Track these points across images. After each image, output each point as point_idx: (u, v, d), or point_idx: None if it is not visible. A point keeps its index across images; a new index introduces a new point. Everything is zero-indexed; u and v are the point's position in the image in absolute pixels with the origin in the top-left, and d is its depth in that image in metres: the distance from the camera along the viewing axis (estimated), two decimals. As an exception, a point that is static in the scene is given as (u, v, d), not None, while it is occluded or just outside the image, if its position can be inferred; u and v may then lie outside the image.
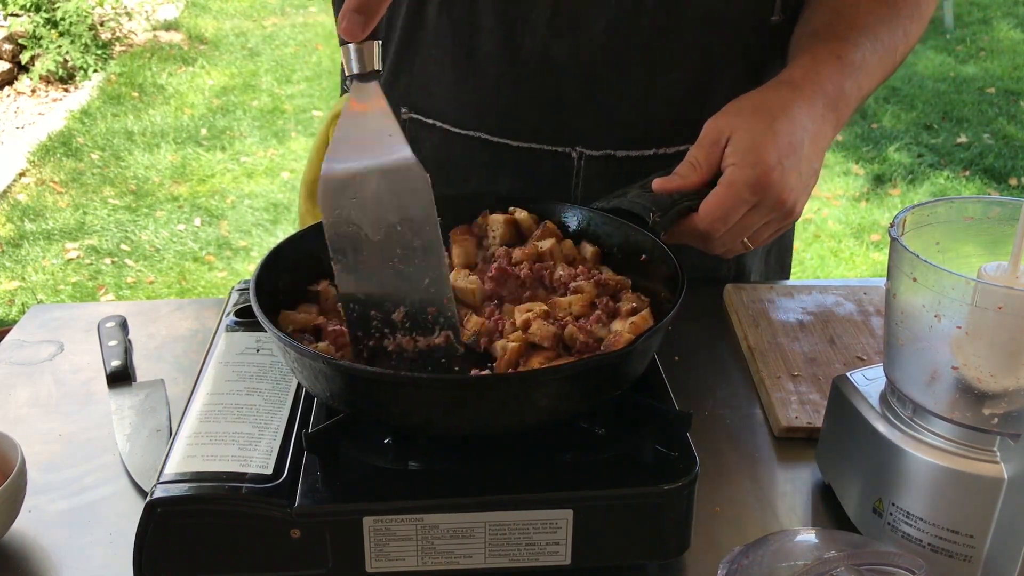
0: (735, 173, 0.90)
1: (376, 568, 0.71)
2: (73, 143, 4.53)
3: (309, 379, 0.73)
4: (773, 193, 0.90)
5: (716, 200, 0.90)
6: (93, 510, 0.84)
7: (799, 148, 0.92)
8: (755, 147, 0.89)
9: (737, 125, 0.92)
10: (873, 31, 1.02)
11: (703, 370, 1.03)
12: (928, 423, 0.72)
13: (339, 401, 0.72)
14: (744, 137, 0.91)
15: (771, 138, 0.90)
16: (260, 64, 5.64)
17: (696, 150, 0.93)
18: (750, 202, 0.90)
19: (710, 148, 0.92)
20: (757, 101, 0.95)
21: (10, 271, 3.48)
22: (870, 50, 1.01)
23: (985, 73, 5.22)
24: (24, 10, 5.24)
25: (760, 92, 0.96)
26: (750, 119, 0.92)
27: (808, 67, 0.98)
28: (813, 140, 0.94)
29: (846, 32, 1.01)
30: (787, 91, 0.96)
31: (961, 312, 0.67)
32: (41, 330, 1.12)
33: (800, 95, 0.95)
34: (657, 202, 0.90)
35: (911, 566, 0.66)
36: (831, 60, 0.98)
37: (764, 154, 0.89)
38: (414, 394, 0.70)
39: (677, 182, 0.92)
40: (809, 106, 0.94)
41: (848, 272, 3.46)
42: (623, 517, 0.71)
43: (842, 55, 0.99)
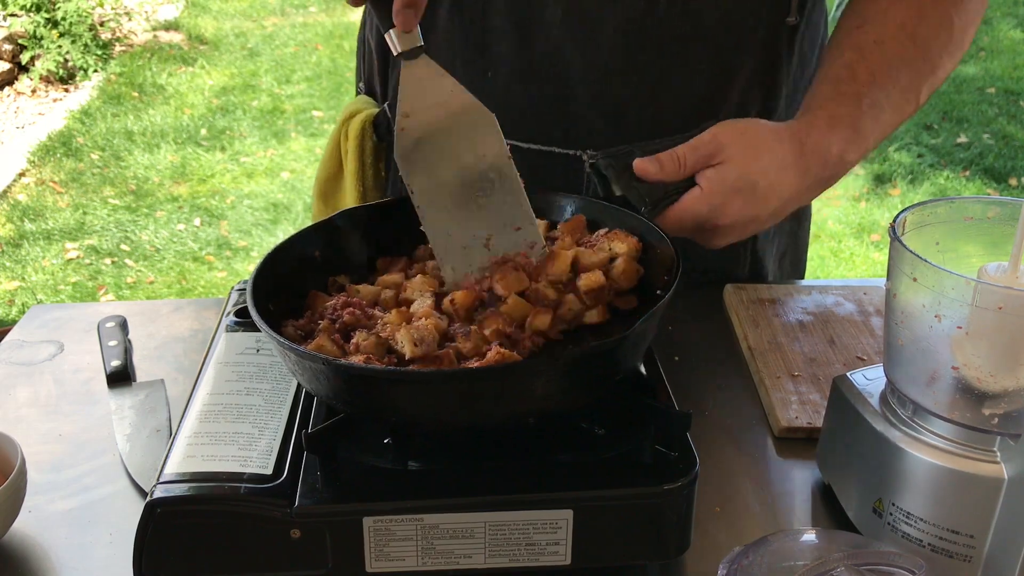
0: (695, 201, 0.91)
1: (376, 568, 0.71)
2: (73, 143, 4.53)
3: (308, 380, 0.73)
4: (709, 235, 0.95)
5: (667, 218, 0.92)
6: (93, 510, 0.84)
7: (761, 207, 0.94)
8: (728, 191, 0.91)
9: (733, 156, 0.92)
10: (895, 78, 0.99)
11: (703, 370, 1.03)
12: (928, 423, 0.72)
13: (337, 400, 0.72)
14: (728, 174, 0.91)
15: (747, 190, 0.92)
16: (260, 64, 5.64)
17: (688, 150, 0.92)
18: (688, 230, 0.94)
19: (701, 155, 0.92)
20: (764, 140, 0.94)
21: (10, 271, 3.48)
22: (886, 106, 0.98)
23: (985, 73, 5.22)
24: (24, 10, 5.24)
25: (771, 132, 0.95)
26: (745, 155, 0.92)
27: (823, 130, 0.96)
28: (782, 204, 0.96)
29: (867, 84, 0.97)
30: (791, 151, 0.94)
31: (961, 312, 0.67)
32: (41, 330, 1.12)
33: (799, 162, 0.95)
34: (651, 193, 0.91)
35: (911, 566, 0.66)
36: (841, 127, 0.97)
37: (730, 204, 0.92)
38: (409, 389, 0.70)
39: (657, 173, 0.91)
40: (801, 175, 0.95)
41: (848, 272, 3.46)
42: (623, 517, 0.71)
43: (855, 123, 0.97)
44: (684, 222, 0.92)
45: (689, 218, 0.92)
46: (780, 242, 1.28)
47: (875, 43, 1.00)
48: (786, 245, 1.30)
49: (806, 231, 1.34)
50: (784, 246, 1.29)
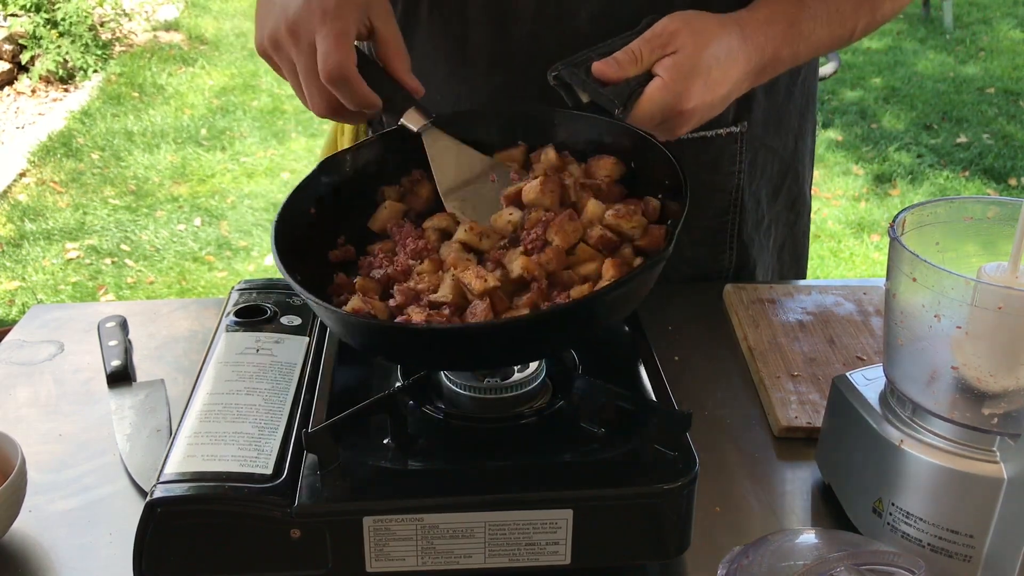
0: (660, 90, 0.93)
1: (376, 568, 0.71)
2: (73, 143, 4.53)
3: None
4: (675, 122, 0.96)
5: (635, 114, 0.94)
6: (93, 510, 0.84)
7: (717, 91, 0.96)
8: (688, 75, 0.93)
9: (685, 43, 0.94)
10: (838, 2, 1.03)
11: (703, 370, 1.03)
12: (928, 423, 0.72)
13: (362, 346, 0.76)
14: (685, 61, 0.93)
15: (704, 73, 0.94)
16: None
17: (642, 43, 0.94)
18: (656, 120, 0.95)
19: (655, 47, 0.94)
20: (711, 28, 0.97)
21: (10, 271, 3.48)
22: (824, 20, 1.03)
23: (985, 73, 5.22)
24: (24, 10, 5.24)
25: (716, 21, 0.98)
26: (697, 41, 0.94)
27: (761, 22, 1.00)
28: (730, 90, 0.98)
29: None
30: (736, 37, 0.97)
31: (961, 312, 0.67)
32: (41, 330, 1.12)
33: (743, 47, 0.97)
34: (618, 94, 0.92)
35: (911, 566, 0.66)
36: (782, 23, 1.01)
37: (692, 87, 0.93)
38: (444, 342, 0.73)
39: (615, 72, 0.93)
40: (745, 62, 0.98)
41: (848, 272, 3.46)
42: (623, 517, 0.71)
43: (795, 22, 1.01)
44: (653, 113, 0.93)
45: (656, 108, 0.93)
46: (777, 233, 1.28)
47: None
48: (784, 237, 1.30)
49: (805, 223, 1.34)
50: (783, 238, 1.29)
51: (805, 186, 1.30)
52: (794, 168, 1.26)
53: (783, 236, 1.29)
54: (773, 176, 1.23)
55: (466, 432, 0.78)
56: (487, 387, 0.78)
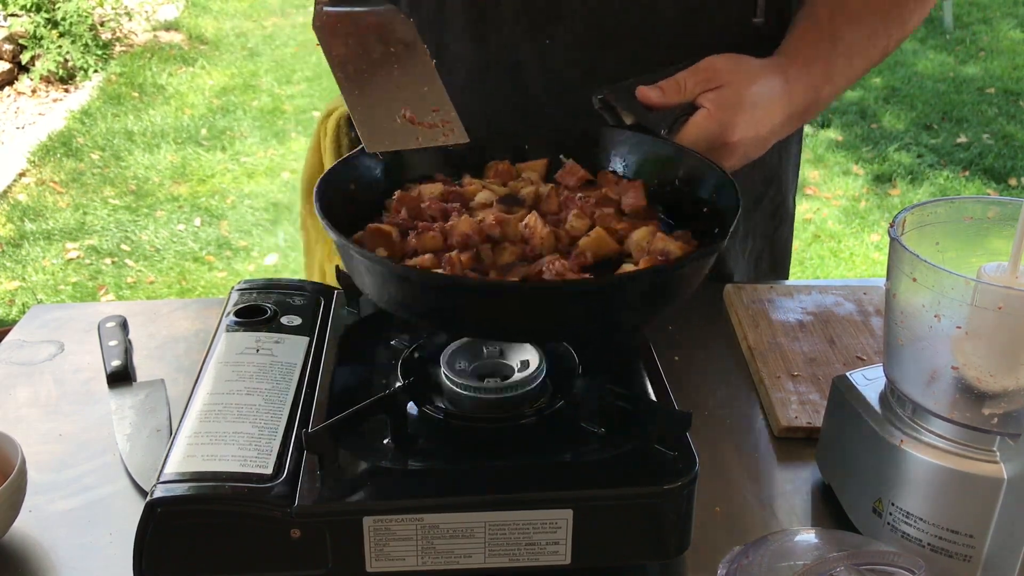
0: (705, 119, 0.94)
1: (376, 568, 0.71)
2: (73, 143, 4.53)
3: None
4: (720, 153, 0.96)
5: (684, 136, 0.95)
6: (93, 510, 0.84)
7: (762, 128, 0.97)
8: (733, 108, 0.94)
9: (731, 80, 0.95)
10: (869, 25, 1.05)
11: (703, 370, 1.03)
12: (928, 423, 0.72)
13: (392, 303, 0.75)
14: (730, 95, 0.95)
15: (748, 108, 0.95)
16: (260, 64, 5.64)
17: (688, 75, 0.95)
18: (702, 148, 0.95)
19: (700, 80, 0.95)
20: (756, 70, 0.98)
21: (10, 271, 3.48)
22: (858, 50, 1.04)
23: (985, 73, 5.21)
24: (24, 10, 5.24)
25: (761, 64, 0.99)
26: (741, 79, 0.96)
27: (801, 66, 1.01)
28: (773, 130, 0.99)
29: (843, 27, 1.03)
30: (780, 79, 0.99)
31: (961, 312, 0.67)
32: (41, 330, 1.12)
33: (786, 89, 0.99)
34: (662, 117, 0.94)
35: (911, 566, 0.66)
36: (821, 63, 1.02)
37: (736, 120, 0.95)
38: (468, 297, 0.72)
39: (659, 98, 0.94)
40: (789, 104, 0.99)
41: (848, 272, 3.46)
42: (623, 517, 0.71)
43: (831, 59, 1.03)
44: (697, 141, 0.94)
45: (702, 136, 0.94)
46: (755, 243, 1.28)
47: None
48: (762, 246, 1.30)
49: (787, 233, 1.34)
50: (761, 247, 1.29)
51: (788, 196, 1.30)
52: (777, 178, 1.26)
53: (761, 246, 1.29)
54: (755, 186, 1.23)
55: (466, 432, 0.78)
56: (487, 387, 0.78)
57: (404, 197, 0.87)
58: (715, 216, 0.83)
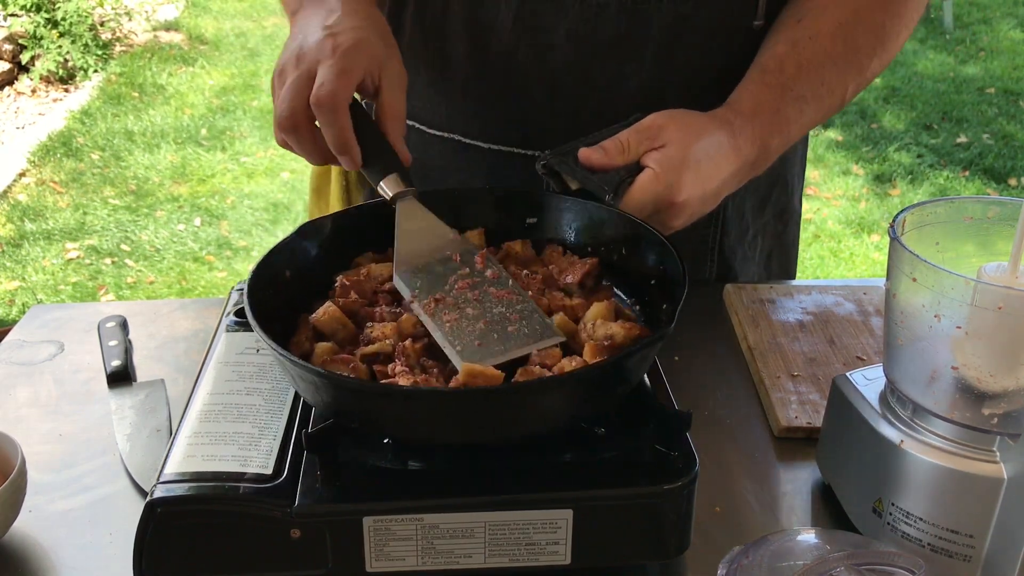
0: (651, 181, 0.92)
1: (376, 568, 0.71)
2: (73, 143, 4.53)
3: (302, 389, 0.73)
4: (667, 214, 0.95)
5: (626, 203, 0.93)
6: (93, 510, 0.84)
7: (708, 185, 0.95)
8: (678, 168, 0.92)
9: (674, 138, 0.93)
10: (822, 74, 1.01)
11: (703, 370, 1.03)
12: (928, 423, 0.72)
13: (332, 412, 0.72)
14: (674, 154, 0.93)
15: (693, 167, 0.93)
16: (260, 64, 5.64)
17: (631, 135, 0.93)
18: (647, 211, 0.94)
19: (643, 140, 0.93)
20: (700, 125, 0.96)
21: (10, 271, 3.48)
22: (810, 98, 1.01)
23: (985, 73, 5.22)
24: (24, 10, 5.24)
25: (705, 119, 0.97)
26: (686, 136, 0.94)
27: (748, 116, 0.98)
28: (721, 185, 0.96)
29: (793, 76, 1.00)
30: (725, 133, 0.96)
31: (961, 312, 0.67)
32: (41, 330, 1.12)
33: (732, 142, 0.96)
34: (607, 180, 0.92)
35: (911, 566, 0.66)
36: (767, 113, 0.99)
37: (682, 179, 0.92)
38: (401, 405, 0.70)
39: (602, 159, 0.92)
40: (735, 157, 0.96)
41: (848, 272, 3.46)
42: (623, 517, 0.71)
43: (780, 108, 1.00)
44: (644, 203, 0.92)
45: (648, 198, 0.92)
46: (763, 244, 1.28)
47: (809, 38, 1.02)
48: (771, 247, 1.30)
49: (794, 232, 1.34)
50: (769, 248, 1.29)
51: (794, 197, 1.30)
52: (782, 179, 1.26)
53: (770, 246, 1.29)
54: (760, 188, 1.23)
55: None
56: (487, 387, 0.78)
57: (350, 281, 0.84)
58: (663, 287, 0.82)
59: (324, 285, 0.86)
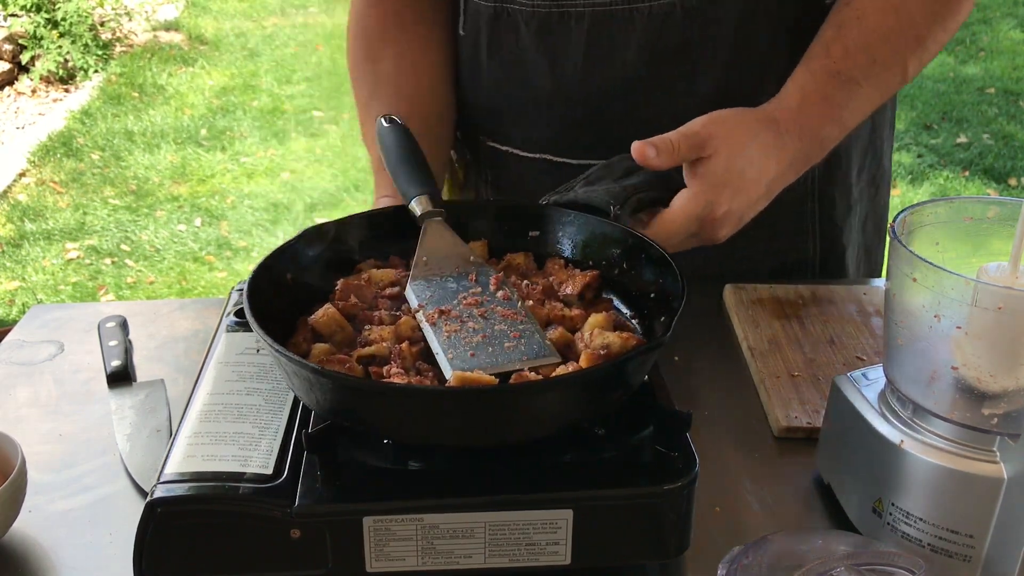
0: (691, 201, 0.92)
1: (376, 568, 0.71)
2: (73, 143, 4.53)
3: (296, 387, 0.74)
4: (710, 229, 0.95)
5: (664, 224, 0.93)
6: (93, 510, 0.84)
7: (752, 192, 0.95)
8: (719, 185, 0.92)
9: (720, 148, 0.92)
10: (873, 51, 0.99)
11: (703, 370, 1.03)
12: (928, 423, 0.72)
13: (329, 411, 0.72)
14: (717, 167, 0.92)
15: (736, 179, 0.93)
16: (260, 64, 5.64)
17: (681, 138, 0.92)
18: (691, 230, 0.94)
19: (692, 145, 0.93)
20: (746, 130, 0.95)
21: (10, 271, 3.48)
22: (862, 79, 0.98)
23: (985, 73, 5.22)
24: (24, 10, 5.24)
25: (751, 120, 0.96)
26: (733, 148, 0.93)
27: (795, 111, 0.97)
28: (769, 186, 0.96)
29: (839, 59, 0.98)
30: (772, 133, 0.95)
31: (961, 312, 0.67)
32: (41, 330, 1.12)
33: (778, 142, 0.95)
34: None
35: (911, 566, 0.66)
36: (817, 103, 0.97)
37: (722, 196, 0.92)
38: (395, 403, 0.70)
39: (655, 156, 0.91)
40: (783, 155, 0.96)
41: (848, 272, 3.46)
42: (623, 517, 0.71)
43: (830, 95, 0.98)
44: (688, 224, 0.92)
45: (690, 218, 0.92)
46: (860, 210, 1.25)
47: (856, 18, 1.00)
48: (867, 211, 1.26)
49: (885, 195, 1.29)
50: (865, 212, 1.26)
51: (884, 159, 1.27)
52: (874, 144, 1.23)
53: (866, 210, 1.27)
54: (856, 156, 1.21)
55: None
56: (487, 387, 0.78)
57: (350, 284, 0.85)
58: (663, 301, 0.82)
59: (325, 290, 0.86)
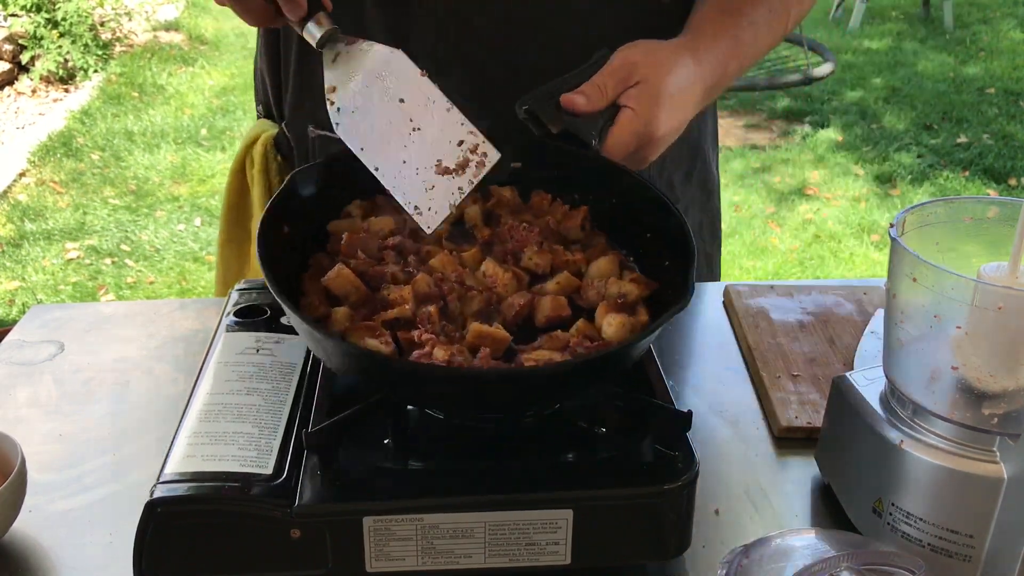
0: (631, 120, 0.94)
1: (376, 568, 0.71)
2: (73, 143, 4.53)
3: None
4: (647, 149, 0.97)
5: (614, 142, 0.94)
6: (93, 510, 0.84)
7: (684, 113, 0.98)
8: (654, 105, 0.94)
9: (647, 75, 0.95)
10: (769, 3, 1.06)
11: (703, 370, 1.03)
12: (928, 423, 0.72)
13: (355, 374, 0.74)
14: (649, 90, 0.95)
15: (667, 101, 0.95)
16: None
17: (607, 77, 0.95)
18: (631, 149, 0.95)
19: (619, 80, 0.95)
20: (669, 57, 0.98)
21: (10, 271, 3.48)
22: (762, 24, 1.05)
23: (985, 73, 5.22)
24: (25, 10, 5.24)
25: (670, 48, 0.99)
26: (657, 71, 0.96)
27: (708, 42, 1.02)
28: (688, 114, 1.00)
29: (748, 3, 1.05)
30: (691, 61, 0.99)
31: (961, 312, 0.67)
32: (41, 330, 1.12)
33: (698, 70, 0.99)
34: (592, 124, 0.93)
35: (911, 566, 0.66)
36: (727, 38, 1.03)
37: (660, 114, 0.95)
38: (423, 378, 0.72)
39: (584, 104, 0.94)
40: (701, 84, 1.00)
41: (848, 272, 3.46)
42: (623, 517, 0.71)
43: (738, 34, 1.04)
44: (627, 143, 0.94)
45: (631, 138, 0.94)
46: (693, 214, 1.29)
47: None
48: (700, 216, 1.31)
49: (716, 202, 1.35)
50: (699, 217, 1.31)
51: (711, 166, 1.32)
52: (701, 150, 1.28)
53: (699, 216, 1.31)
54: (683, 160, 1.25)
55: (466, 432, 0.78)
56: (487, 387, 0.78)
57: (355, 239, 0.85)
58: (659, 240, 0.82)
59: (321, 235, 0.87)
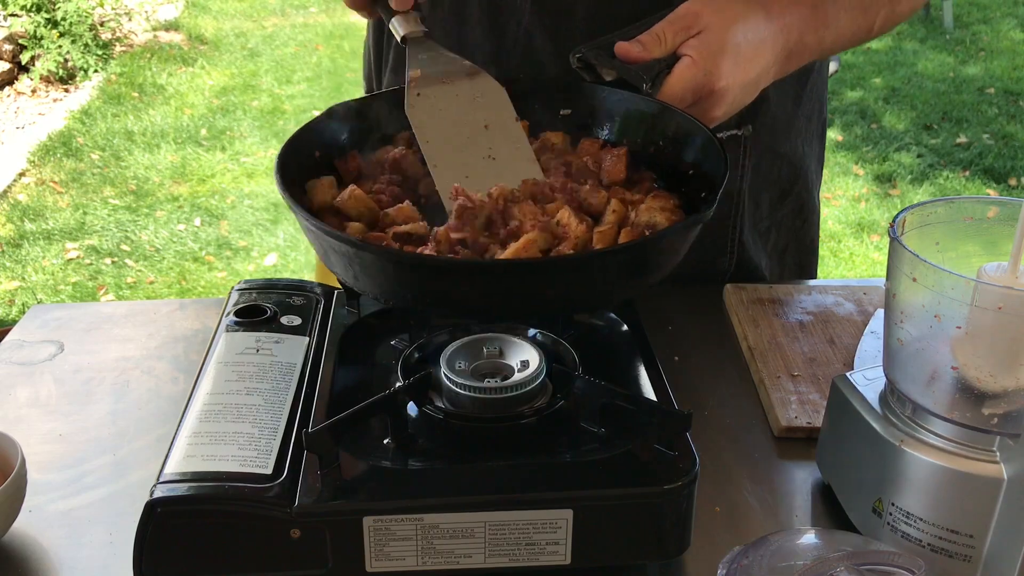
0: (688, 67, 0.90)
1: (376, 568, 0.71)
2: (73, 143, 4.53)
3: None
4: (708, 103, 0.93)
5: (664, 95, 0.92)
6: (93, 510, 0.84)
7: (749, 70, 0.93)
8: (716, 54, 0.91)
9: (711, 23, 0.92)
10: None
11: (703, 370, 1.03)
12: (928, 423, 0.72)
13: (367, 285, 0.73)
14: (712, 40, 0.91)
15: (732, 52, 0.91)
16: (260, 64, 5.64)
17: (666, 26, 0.92)
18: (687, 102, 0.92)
19: (679, 30, 0.92)
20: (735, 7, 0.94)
21: (10, 271, 3.48)
22: (845, 7, 1.00)
23: (985, 73, 5.21)
24: (24, 10, 5.24)
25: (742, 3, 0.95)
26: (722, 20, 0.92)
27: (785, 4, 0.97)
28: (760, 75, 0.95)
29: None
30: (762, 17, 0.95)
31: (961, 312, 0.67)
32: (41, 330, 1.11)
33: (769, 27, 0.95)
34: (645, 69, 0.90)
35: (911, 566, 0.66)
36: (806, 6, 0.98)
37: (720, 67, 0.91)
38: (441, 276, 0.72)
39: (639, 52, 0.90)
40: (773, 43, 0.95)
41: (848, 272, 3.46)
42: (623, 517, 0.71)
43: (818, 5, 0.99)
44: (683, 93, 0.91)
45: (688, 87, 0.90)
46: (779, 238, 1.27)
47: None
48: (787, 241, 1.29)
49: (813, 230, 1.32)
50: (785, 242, 1.28)
51: (813, 191, 1.28)
52: (803, 174, 1.25)
53: (786, 240, 1.28)
54: (781, 180, 1.22)
55: (466, 432, 0.78)
56: (487, 387, 0.78)
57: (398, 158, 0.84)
58: (702, 179, 0.81)
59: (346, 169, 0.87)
